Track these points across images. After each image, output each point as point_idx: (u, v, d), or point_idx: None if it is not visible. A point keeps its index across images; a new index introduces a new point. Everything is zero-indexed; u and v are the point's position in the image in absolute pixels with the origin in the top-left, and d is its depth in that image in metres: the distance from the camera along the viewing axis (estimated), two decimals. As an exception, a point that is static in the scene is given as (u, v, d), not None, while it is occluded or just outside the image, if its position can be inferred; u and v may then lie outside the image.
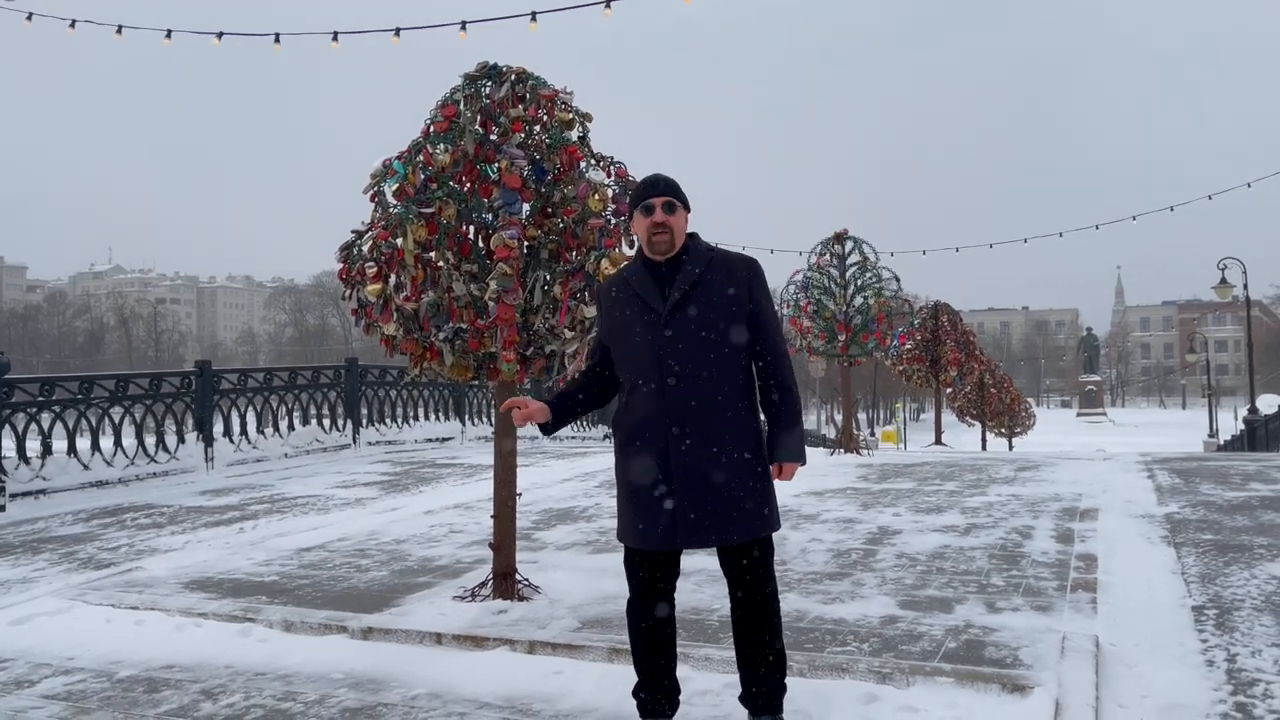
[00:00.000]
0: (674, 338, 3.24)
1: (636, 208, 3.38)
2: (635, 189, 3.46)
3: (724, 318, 3.28)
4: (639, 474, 3.28)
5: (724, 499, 3.24)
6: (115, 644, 4.83)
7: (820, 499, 8.40)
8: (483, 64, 5.05)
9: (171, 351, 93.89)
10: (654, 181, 3.41)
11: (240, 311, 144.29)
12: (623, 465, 3.38)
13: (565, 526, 7.36)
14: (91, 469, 9.77)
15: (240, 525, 7.82)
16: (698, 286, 3.29)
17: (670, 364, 3.23)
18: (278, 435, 12.25)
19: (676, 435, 3.23)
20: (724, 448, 3.25)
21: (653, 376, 3.25)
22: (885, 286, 11.61)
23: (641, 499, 3.28)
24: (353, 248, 5.01)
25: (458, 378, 4.98)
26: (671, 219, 3.33)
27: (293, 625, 4.95)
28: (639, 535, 3.30)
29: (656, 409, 3.25)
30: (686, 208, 3.41)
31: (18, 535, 7.73)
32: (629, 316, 3.33)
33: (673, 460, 3.23)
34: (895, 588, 5.26)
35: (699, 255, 3.36)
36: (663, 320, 3.26)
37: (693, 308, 3.27)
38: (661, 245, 3.33)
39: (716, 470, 3.23)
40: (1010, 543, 6.38)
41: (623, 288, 3.41)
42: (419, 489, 9.67)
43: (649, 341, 3.26)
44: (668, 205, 3.33)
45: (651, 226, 3.32)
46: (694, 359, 3.24)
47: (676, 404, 3.23)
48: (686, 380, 3.23)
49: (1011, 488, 8.90)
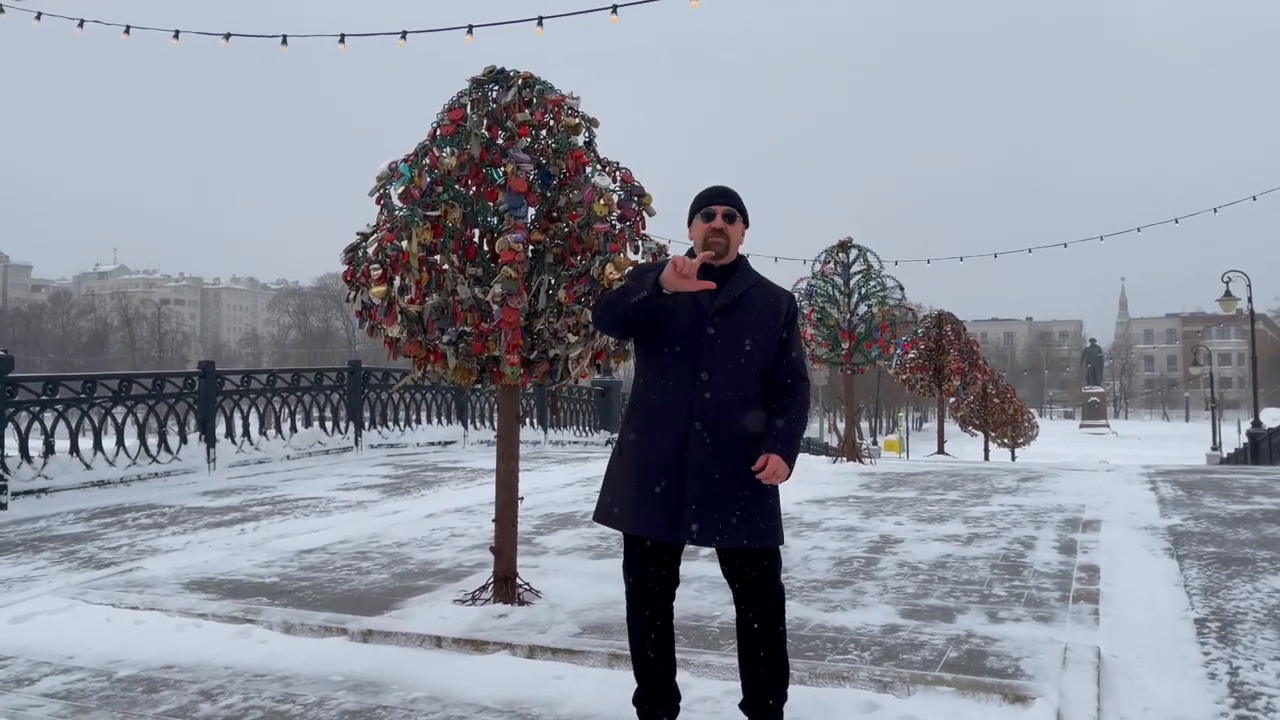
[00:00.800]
0: (715, 337, 3.29)
1: (698, 212, 3.43)
2: (698, 195, 3.49)
3: (762, 334, 3.34)
4: (652, 461, 3.27)
5: (736, 503, 3.24)
6: (115, 643, 4.82)
7: (822, 507, 8.39)
8: (490, 68, 5.06)
9: (175, 352, 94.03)
10: (718, 191, 3.47)
11: (244, 313, 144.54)
12: (633, 449, 3.34)
13: (566, 531, 7.35)
14: (94, 468, 9.78)
15: (241, 526, 7.82)
16: (746, 298, 3.36)
17: (707, 361, 3.26)
18: (280, 437, 12.26)
19: (698, 430, 3.23)
20: (742, 454, 3.26)
21: (686, 370, 3.27)
22: (889, 295, 11.62)
23: (649, 487, 3.26)
24: (358, 249, 5.01)
25: (461, 380, 4.97)
26: (730, 227, 3.39)
27: (293, 627, 4.94)
28: (641, 522, 3.27)
29: (683, 401, 3.26)
30: (745, 222, 3.47)
31: (19, 534, 7.73)
32: (671, 307, 3.32)
33: (690, 455, 3.23)
34: (897, 596, 5.25)
35: (748, 274, 3.44)
36: (709, 318, 3.29)
37: (738, 315, 3.32)
38: (718, 249, 3.36)
39: (732, 474, 3.24)
40: (1012, 553, 6.37)
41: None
42: (421, 492, 9.67)
43: (689, 335, 3.29)
44: (728, 214, 3.40)
45: (710, 231, 3.37)
46: (730, 362, 3.27)
47: (704, 401, 3.25)
48: (718, 380, 3.26)
49: (1014, 498, 8.89)
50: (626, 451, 3.39)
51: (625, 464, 3.38)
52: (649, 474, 3.27)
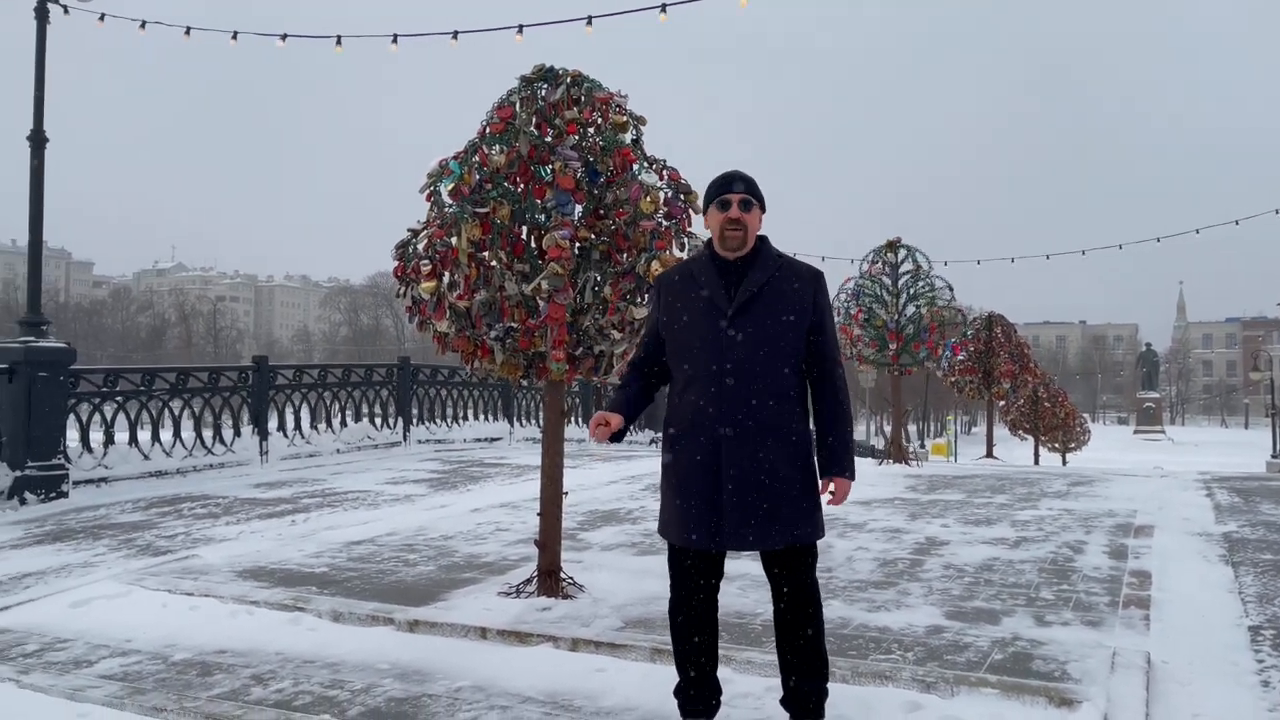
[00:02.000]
0: (736, 337, 3.23)
1: (713, 201, 3.36)
2: (712, 182, 3.43)
3: (787, 325, 3.27)
4: (687, 471, 3.27)
5: (771, 503, 3.23)
6: (171, 628, 4.96)
7: (867, 508, 8.33)
8: (539, 66, 5.11)
9: (229, 348, 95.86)
10: (732, 177, 3.39)
11: (296, 310, 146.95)
12: (671, 461, 3.35)
13: (610, 528, 7.39)
14: (151, 459, 10.02)
15: (292, 518, 7.97)
16: (766, 290, 3.28)
17: (729, 363, 3.22)
18: (330, 431, 12.46)
19: (729, 435, 3.21)
20: (774, 452, 3.24)
21: (710, 373, 3.23)
22: (938, 295, 11.49)
23: (688, 496, 3.27)
24: (408, 246, 5.10)
25: (508, 375, 5.03)
26: (747, 216, 3.32)
27: (341, 615, 5.03)
28: (683, 533, 3.30)
29: (711, 407, 3.23)
30: (762, 207, 3.40)
31: (80, 521, 7.96)
32: (692, 309, 3.31)
33: (723, 460, 3.21)
34: (942, 598, 5.21)
35: (769, 259, 3.36)
36: (728, 318, 3.24)
37: (759, 310, 3.25)
38: (734, 242, 3.31)
39: (765, 474, 3.22)
40: (1061, 557, 6.28)
41: (687, 279, 3.39)
42: (467, 487, 9.77)
43: (710, 338, 3.24)
44: (744, 203, 3.32)
45: (726, 222, 3.30)
46: (754, 360, 3.22)
47: (732, 404, 3.21)
48: (744, 381, 3.21)
49: (1064, 502, 8.75)
50: (665, 461, 3.40)
51: (666, 475, 3.39)
52: (686, 484, 3.28)
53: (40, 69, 9.17)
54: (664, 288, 3.46)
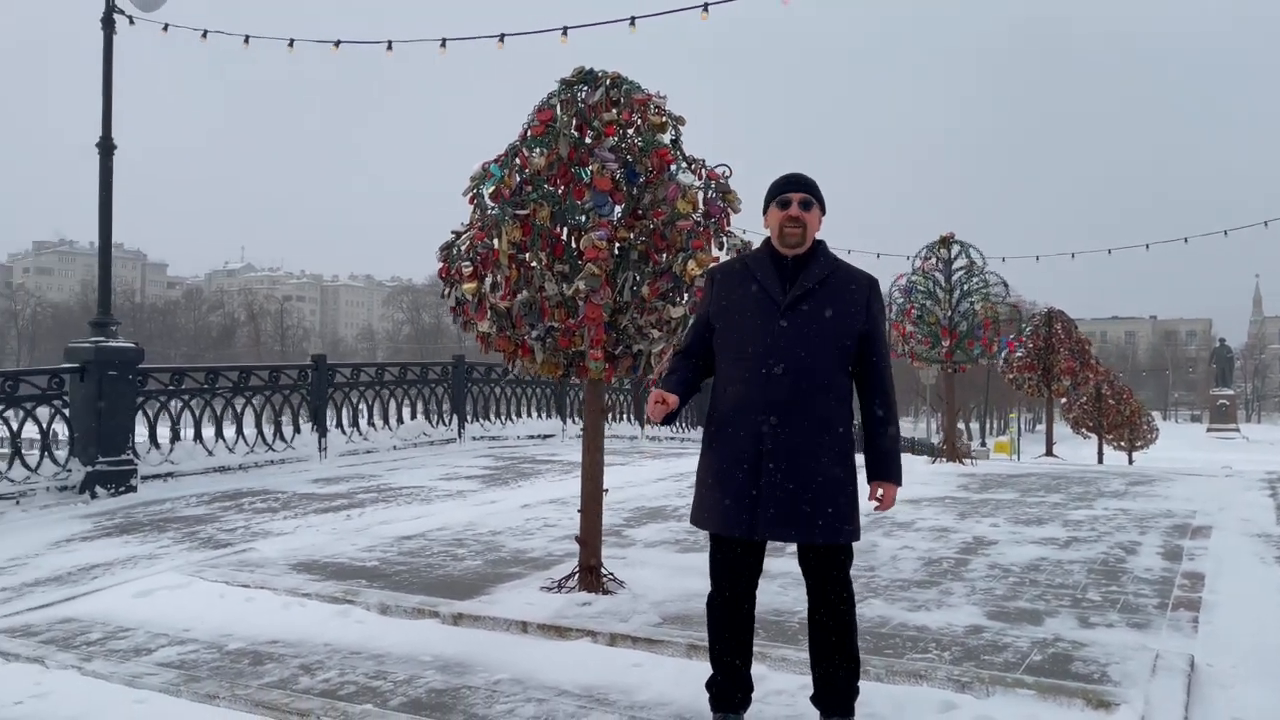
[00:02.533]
0: (789, 329, 3.26)
1: (774, 200, 3.41)
2: (775, 182, 3.48)
3: (840, 324, 3.30)
4: (729, 459, 3.29)
5: (811, 498, 3.24)
6: (227, 618, 5.14)
7: (916, 507, 8.26)
8: (579, 69, 5.18)
9: (296, 346, 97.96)
10: (794, 178, 3.45)
11: (361, 309, 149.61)
12: (712, 449, 3.38)
13: (655, 525, 7.45)
14: (215, 455, 10.34)
15: (348, 512, 8.17)
16: (821, 287, 3.31)
17: (779, 353, 3.24)
18: (387, 428, 12.71)
19: (774, 424, 3.23)
20: (817, 448, 3.25)
21: (759, 364, 3.26)
22: (992, 292, 11.32)
23: (727, 484, 3.29)
24: (452, 247, 5.21)
25: (549, 374, 5.11)
26: (807, 215, 3.36)
27: (388, 608, 5.16)
28: (721, 520, 3.32)
29: (756, 396, 3.25)
30: (822, 209, 3.44)
31: (147, 514, 8.25)
32: (744, 300, 3.35)
33: (765, 450, 3.23)
34: (984, 598, 5.17)
35: (826, 259, 3.41)
36: (780, 310, 3.28)
37: (812, 305, 3.29)
38: (793, 239, 3.35)
39: (806, 468, 3.24)
40: (1112, 558, 6.17)
41: (741, 271, 3.44)
42: (518, 483, 9.91)
43: (761, 328, 3.28)
44: (804, 202, 3.37)
45: (786, 220, 3.35)
46: (804, 354, 3.25)
47: (778, 394, 3.23)
48: (792, 373, 3.24)
49: (1121, 502, 8.58)
50: (706, 449, 3.42)
51: (707, 462, 3.41)
52: (727, 471, 3.30)
53: (107, 77, 9.51)
54: (718, 277, 3.50)
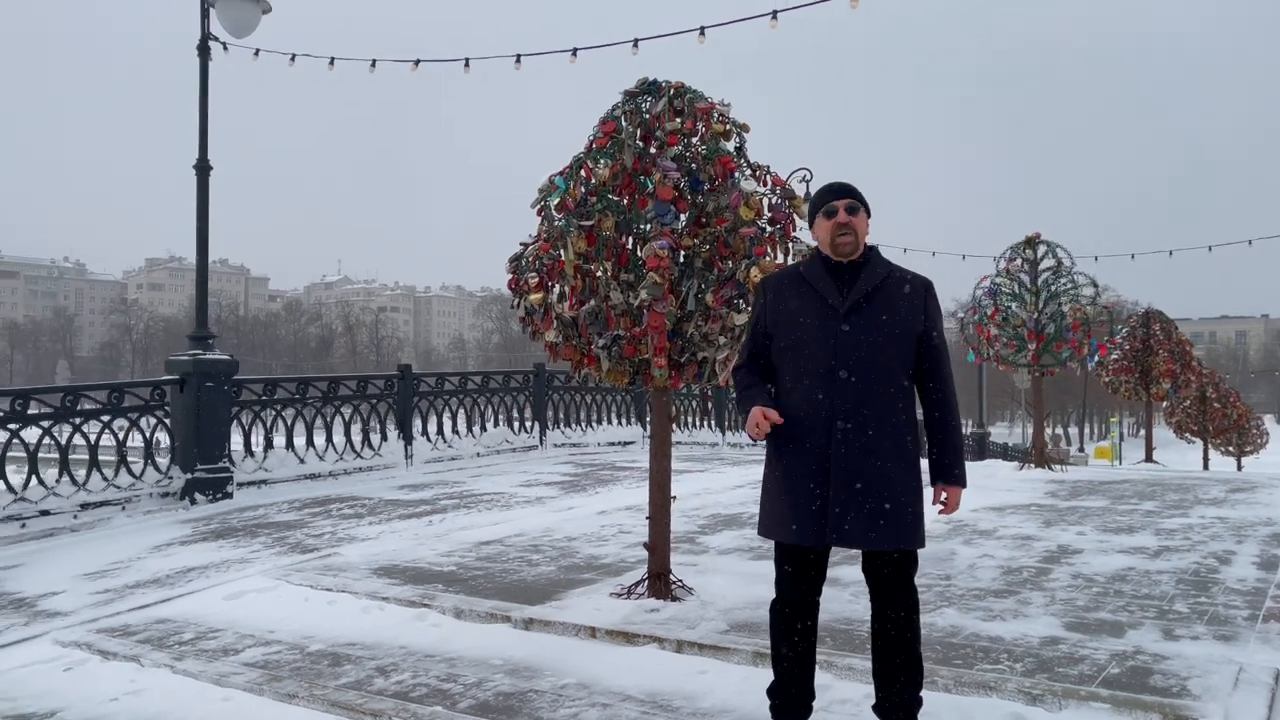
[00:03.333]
0: (851, 333, 3.25)
1: (819, 212, 3.41)
2: (815, 194, 3.50)
3: (900, 327, 3.30)
4: (798, 467, 3.28)
5: (881, 502, 3.23)
6: (310, 621, 5.33)
7: (1000, 514, 8.08)
8: (643, 80, 5.23)
9: (390, 356, 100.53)
10: (835, 186, 3.46)
11: (452, 319, 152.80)
12: (780, 457, 3.36)
13: (730, 532, 7.44)
14: (306, 462, 10.71)
15: (429, 518, 8.37)
16: (879, 291, 3.31)
17: (846, 358, 3.24)
18: (471, 435, 12.97)
19: (843, 430, 3.22)
20: (885, 453, 3.24)
21: (824, 370, 3.25)
22: (1081, 293, 10.98)
23: (797, 493, 3.28)
24: (520, 259, 5.31)
25: (615, 382, 5.17)
26: (855, 219, 3.36)
27: (463, 613, 5.28)
28: (791, 530, 3.31)
29: (823, 402, 3.24)
30: (868, 211, 3.43)
31: (241, 520, 8.59)
32: (803, 309, 3.34)
33: (834, 456, 3.22)
34: (1064, 608, 5.03)
35: (880, 263, 3.41)
36: (841, 315, 3.27)
37: (873, 309, 3.29)
38: (846, 247, 3.34)
39: (875, 473, 3.23)
40: (1204, 568, 5.94)
41: (796, 281, 3.44)
42: (595, 490, 10.01)
43: (823, 334, 3.27)
44: (850, 207, 3.36)
45: (835, 228, 3.35)
46: (868, 357, 3.24)
47: (846, 399, 3.23)
48: (859, 376, 3.23)
49: (1218, 509, 8.23)
50: (775, 459, 3.40)
51: (775, 472, 3.40)
52: (796, 480, 3.29)
53: (203, 101, 9.95)
54: (771, 288, 3.50)
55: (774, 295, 3.46)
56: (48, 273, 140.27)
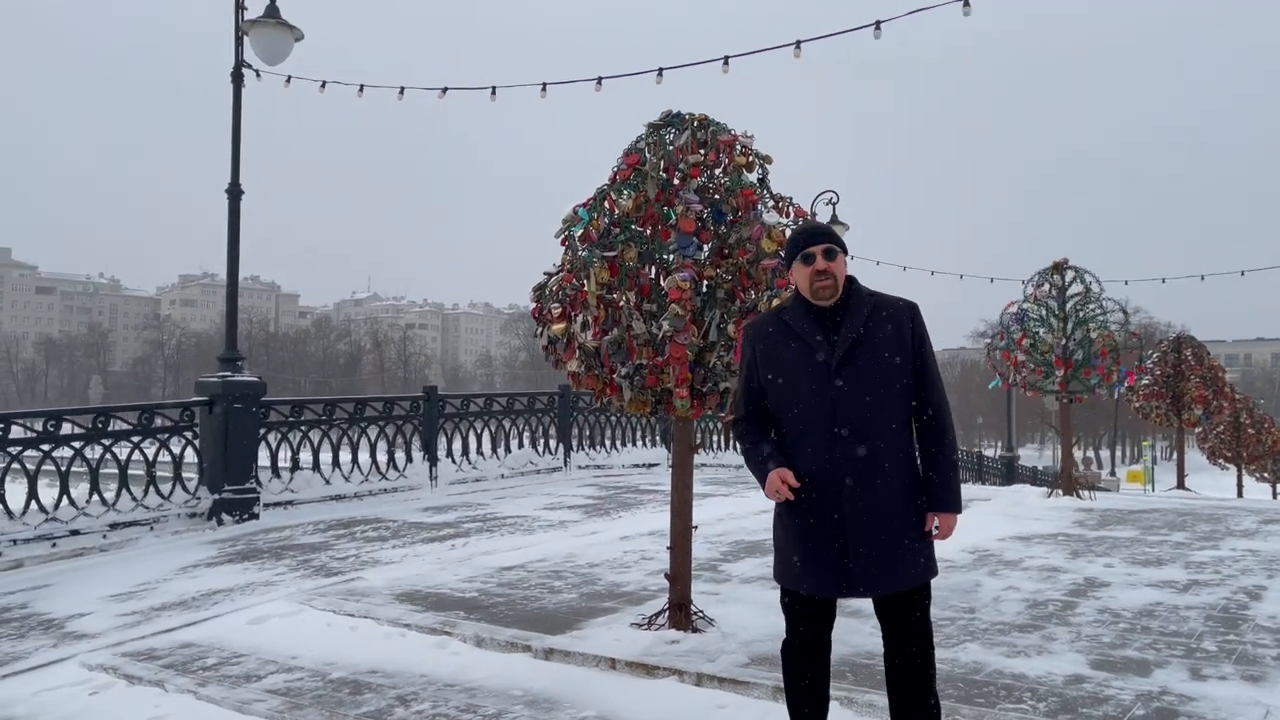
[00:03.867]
0: (845, 388, 3.25)
1: (795, 256, 3.39)
2: (791, 238, 3.48)
3: (892, 365, 3.29)
4: (810, 523, 3.29)
5: (889, 548, 3.25)
6: (332, 647, 5.36)
7: (1026, 544, 7.99)
8: (666, 112, 5.27)
9: (418, 373, 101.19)
10: (811, 230, 3.44)
11: (480, 336, 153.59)
12: (792, 516, 3.36)
13: (753, 560, 7.41)
14: (331, 483, 10.78)
15: (453, 542, 8.39)
16: (866, 335, 3.30)
17: (841, 414, 3.24)
18: (495, 457, 13.01)
19: (850, 486, 3.23)
20: (892, 498, 3.26)
21: (824, 427, 3.26)
22: (1110, 318, 10.87)
23: (811, 547, 3.29)
24: (544, 288, 5.35)
25: (637, 411, 5.19)
26: (833, 265, 3.33)
27: (483, 641, 5.30)
28: (806, 582, 3.32)
29: (826, 461, 3.25)
30: (845, 252, 3.41)
31: (267, 542, 8.67)
32: (793, 364, 3.33)
33: (845, 511, 3.24)
34: (1090, 645, 4.96)
35: (862, 300, 3.37)
36: (833, 370, 3.26)
37: (863, 355, 3.27)
38: (825, 292, 3.33)
39: (884, 520, 3.25)
40: (1234, 604, 5.84)
41: (782, 330, 3.41)
42: (619, 514, 10.00)
43: (818, 391, 3.27)
44: (828, 252, 3.33)
45: (814, 275, 3.33)
46: (866, 409, 3.24)
47: (849, 455, 3.24)
48: (858, 431, 3.24)
49: (1250, 542, 8.10)
50: (785, 511, 3.40)
51: (785, 525, 3.40)
52: (809, 536, 3.29)
53: (236, 127, 10.11)
54: (757, 338, 3.47)
55: (763, 346, 3.43)
56: (83, 288, 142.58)
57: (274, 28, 10.02)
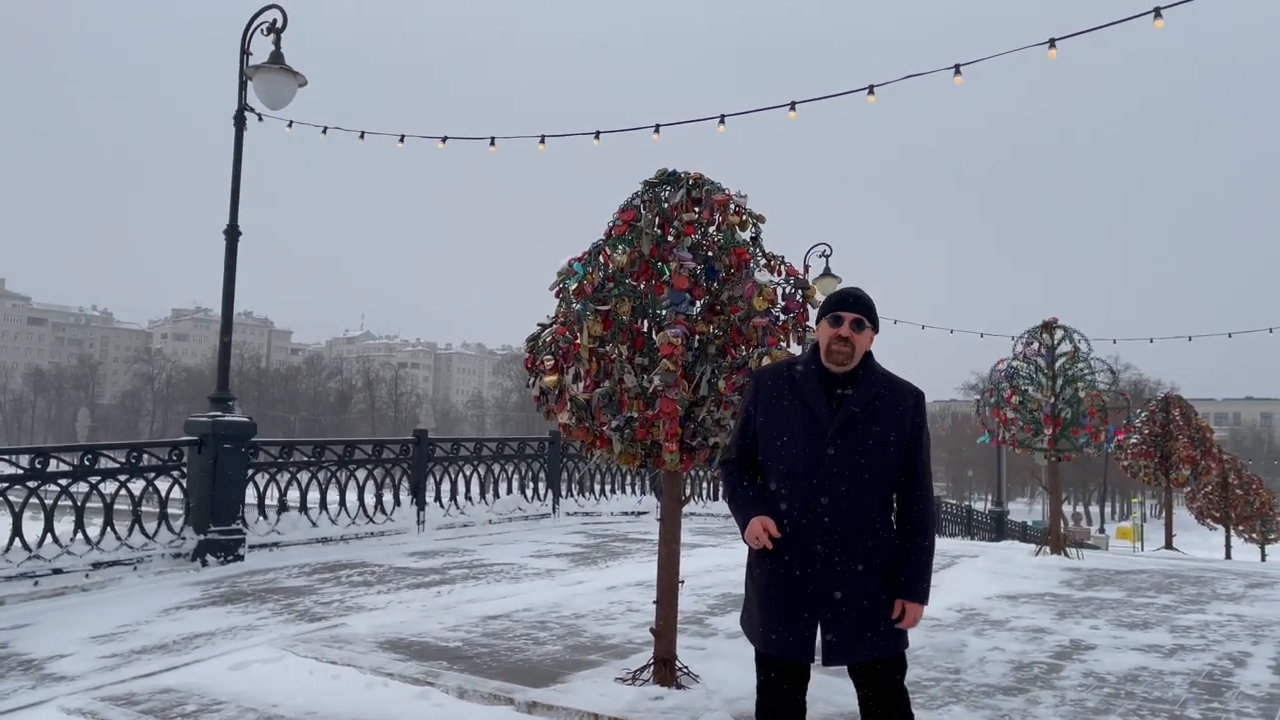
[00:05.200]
0: (836, 458, 3.28)
1: (826, 315, 3.43)
2: (830, 297, 3.52)
3: (886, 444, 3.32)
4: (780, 585, 3.32)
5: (862, 618, 3.27)
6: (313, 695, 5.32)
7: (1013, 603, 7.98)
8: (662, 171, 5.36)
9: (409, 412, 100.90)
10: (849, 296, 3.47)
11: (472, 376, 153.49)
12: (762, 571, 3.39)
13: (739, 613, 7.37)
14: (318, 526, 10.73)
15: (438, 589, 8.35)
16: (868, 411, 3.33)
17: (826, 482, 3.27)
18: (484, 502, 12.97)
19: (823, 554, 3.26)
20: (866, 569, 3.29)
21: (807, 491, 3.29)
22: (1098, 379, 10.96)
23: (780, 609, 3.32)
24: (538, 339, 5.40)
25: (626, 464, 5.21)
26: (857, 336, 3.37)
27: (466, 692, 5.26)
28: (774, 644, 3.34)
29: (805, 524, 3.28)
30: (875, 328, 3.44)
31: (251, 584, 8.61)
32: (792, 420, 3.36)
33: (817, 578, 3.26)
34: (1073, 710, 4.95)
35: (873, 377, 3.41)
36: (828, 438, 3.30)
37: (859, 432, 3.30)
38: (840, 357, 3.37)
39: (857, 591, 3.27)
40: (1219, 670, 5.84)
41: (789, 384, 3.44)
42: (606, 563, 9.96)
43: (808, 454, 3.30)
44: (856, 323, 3.38)
45: (835, 339, 3.37)
46: (851, 482, 3.27)
47: (826, 523, 3.27)
48: (839, 502, 3.27)
49: (1237, 606, 8.11)
50: (755, 568, 3.43)
51: (757, 584, 3.43)
52: (778, 595, 3.32)
53: (237, 169, 10.21)
54: (763, 387, 3.50)
55: (766, 394, 3.46)
56: (75, 320, 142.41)
57: (277, 73, 10.16)
